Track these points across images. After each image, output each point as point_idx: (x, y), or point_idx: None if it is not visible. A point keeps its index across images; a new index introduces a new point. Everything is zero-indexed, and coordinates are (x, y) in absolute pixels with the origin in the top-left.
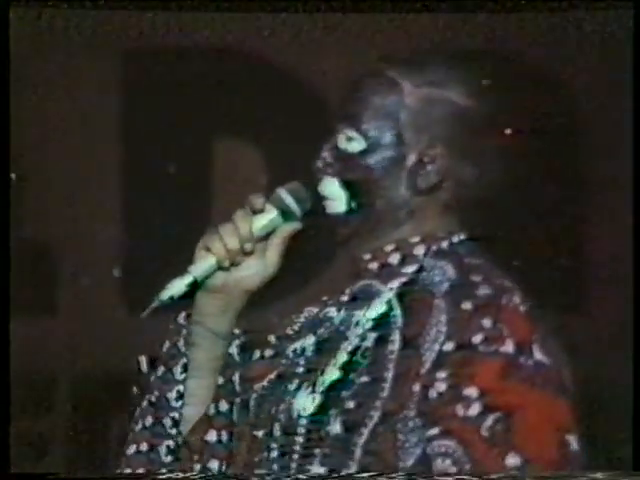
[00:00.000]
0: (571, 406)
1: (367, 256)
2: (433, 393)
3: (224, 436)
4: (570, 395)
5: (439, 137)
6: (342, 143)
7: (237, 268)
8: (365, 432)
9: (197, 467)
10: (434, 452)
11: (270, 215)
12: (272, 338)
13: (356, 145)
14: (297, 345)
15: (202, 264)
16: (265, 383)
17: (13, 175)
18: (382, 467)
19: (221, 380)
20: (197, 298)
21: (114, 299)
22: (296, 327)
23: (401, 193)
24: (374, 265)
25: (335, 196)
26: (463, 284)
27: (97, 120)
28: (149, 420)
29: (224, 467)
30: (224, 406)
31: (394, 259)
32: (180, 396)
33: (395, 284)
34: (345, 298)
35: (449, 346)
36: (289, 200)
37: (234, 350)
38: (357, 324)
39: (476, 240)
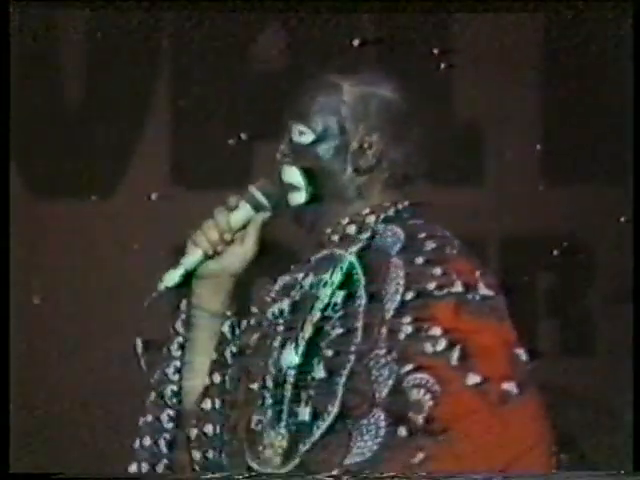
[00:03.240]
0: (512, 326)
1: (328, 230)
2: (402, 335)
3: (217, 404)
4: (509, 318)
5: (374, 127)
6: (295, 137)
7: (222, 256)
8: (344, 373)
9: (194, 433)
10: (409, 385)
11: (244, 209)
12: (254, 309)
13: (307, 137)
14: (275, 308)
15: (191, 256)
16: (252, 342)
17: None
18: (360, 401)
19: (215, 355)
20: (193, 285)
21: None
22: (272, 294)
23: (348, 175)
24: (335, 237)
25: (295, 183)
26: (412, 243)
27: None
28: (152, 395)
29: (217, 430)
30: (217, 378)
31: (351, 230)
32: (177, 370)
33: (354, 249)
34: (312, 265)
35: (409, 295)
36: (258, 195)
37: (226, 329)
38: (325, 285)
39: (416, 205)
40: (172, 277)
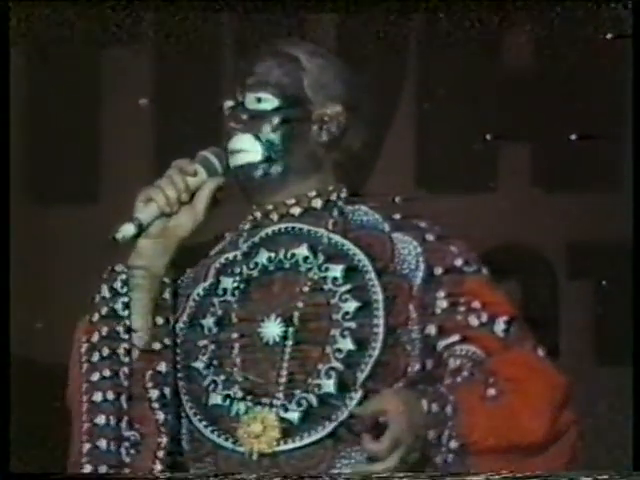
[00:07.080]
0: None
1: (290, 201)
2: (437, 310)
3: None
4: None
5: (336, 97)
6: (252, 104)
7: (173, 217)
8: (377, 346)
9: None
10: (450, 355)
11: (200, 173)
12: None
13: (268, 104)
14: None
15: (147, 211)
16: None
17: None
18: (391, 374)
19: (160, 321)
20: (140, 245)
21: None
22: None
23: (309, 145)
24: (296, 210)
25: (248, 149)
26: (401, 222)
27: None
28: (105, 351)
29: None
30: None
31: (317, 204)
32: (127, 330)
33: (329, 225)
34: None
35: (438, 270)
36: (213, 159)
37: (167, 295)
38: (306, 259)
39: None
40: (128, 229)
